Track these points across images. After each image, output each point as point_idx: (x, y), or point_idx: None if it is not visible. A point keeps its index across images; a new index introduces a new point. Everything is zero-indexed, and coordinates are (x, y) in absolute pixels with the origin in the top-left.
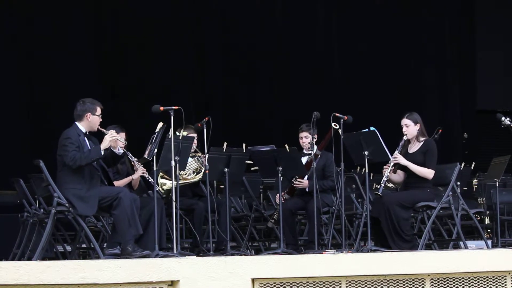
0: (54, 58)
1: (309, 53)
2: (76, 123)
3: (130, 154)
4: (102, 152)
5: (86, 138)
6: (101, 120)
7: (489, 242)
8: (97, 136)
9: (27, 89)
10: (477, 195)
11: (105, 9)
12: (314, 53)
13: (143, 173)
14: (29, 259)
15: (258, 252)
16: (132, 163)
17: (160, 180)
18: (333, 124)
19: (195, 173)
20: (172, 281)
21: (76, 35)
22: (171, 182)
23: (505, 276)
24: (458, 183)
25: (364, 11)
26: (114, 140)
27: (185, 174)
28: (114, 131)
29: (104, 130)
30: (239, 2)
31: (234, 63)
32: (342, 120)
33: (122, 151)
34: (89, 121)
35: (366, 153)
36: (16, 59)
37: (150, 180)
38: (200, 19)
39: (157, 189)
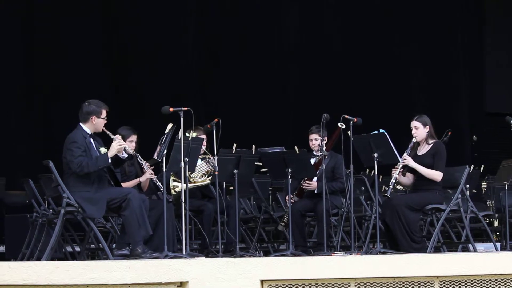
0: (64, 59)
1: (319, 54)
2: (81, 124)
3: (139, 156)
4: (109, 160)
5: (92, 139)
6: (106, 122)
7: (498, 244)
8: (101, 136)
9: (36, 90)
10: (486, 197)
11: (114, 9)
12: (324, 54)
13: (150, 174)
14: (38, 259)
15: (267, 253)
16: (141, 165)
17: (172, 183)
18: (339, 124)
19: (206, 176)
20: (181, 282)
21: (86, 36)
22: (184, 184)
23: None
24: (467, 185)
25: (374, 13)
26: (121, 148)
27: (197, 176)
28: (120, 136)
29: (110, 134)
30: (250, 2)
31: (245, 64)
32: (351, 122)
33: (126, 155)
34: (94, 124)
35: (375, 155)
36: (25, 59)
37: (157, 184)
38: (210, 20)
39: (161, 191)
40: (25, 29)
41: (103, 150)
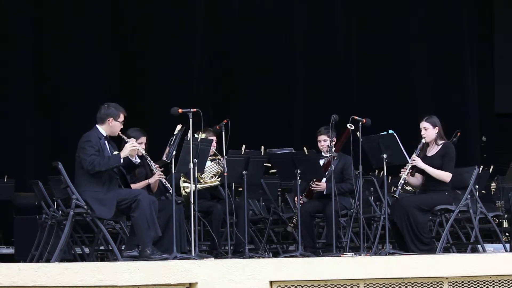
0: (73, 61)
1: (328, 55)
2: (97, 126)
3: (149, 158)
4: (122, 160)
5: (106, 142)
6: (122, 126)
7: (507, 245)
8: (116, 141)
9: (46, 90)
10: (495, 198)
11: (123, 10)
12: (333, 55)
13: (159, 176)
14: (48, 261)
15: (276, 254)
16: (151, 167)
17: (183, 184)
18: (348, 125)
19: (216, 177)
20: (190, 283)
21: (95, 38)
22: (193, 185)
23: None
24: (477, 186)
25: (382, 14)
26: (135, 149)
27: (207, 177)
28: (134, 140)
29: (125, 138)
30: (255, 4)
31: (253, 65)
32: (360, 123)
33: (138, 161)
34: (110, 126)
35: (384, 156)
36: (35, 59)
37: (166, 185)
38: (216, 22)
39: (170, 192)
40: (36, 31)
41: (116, 153)
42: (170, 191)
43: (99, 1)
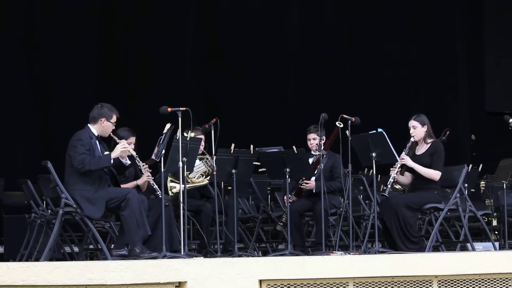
0: (64, 60)
1: (318, 54)
2: (89, 125)
3: (138, 158)
4: (112, 161)
5: (97, 142)
6: (114, 128)
7: (497, 244)
8: (106, 141)
9: (37, 91)
10: (485, 197)
11: (114, 10)
12: (323, 54)
13: (148, 177)
14: (37, 260)
15: (265, 253)
16: (139, 167)
17: (170, 184)
18: (337, 123)
19: (204, 176)
20: (179, 282)
21: (86, 37)
22: (182, 184)
23: None
24: (466, 185)
25: (373, 13)
26: (126, 151)
27: (194, 177)
28: (126, 142)
29: (116, 139)
30: (248, 3)
31: (243, 64)
32: (350, 121)
33: (129, 162)
34: (102, 126)
35: (373, 154)
36: (27, 59)
37: (154, 187)
38: (208, 21)
39: (158, 194)
40: (25, 28)
41: (107, 154)
42: (158, 193)
43: (90, 0)
